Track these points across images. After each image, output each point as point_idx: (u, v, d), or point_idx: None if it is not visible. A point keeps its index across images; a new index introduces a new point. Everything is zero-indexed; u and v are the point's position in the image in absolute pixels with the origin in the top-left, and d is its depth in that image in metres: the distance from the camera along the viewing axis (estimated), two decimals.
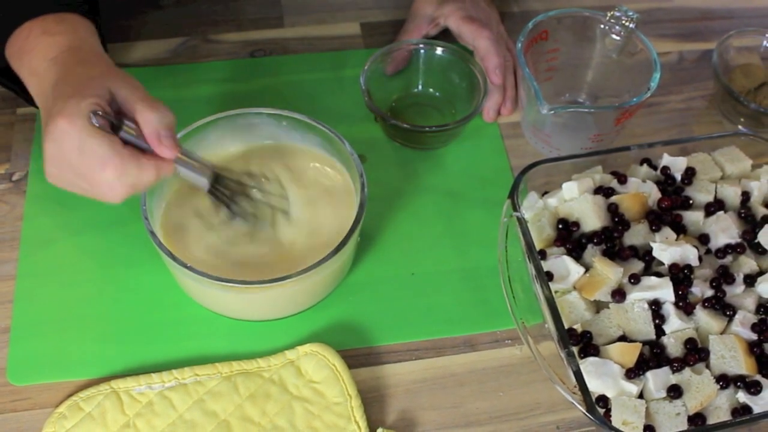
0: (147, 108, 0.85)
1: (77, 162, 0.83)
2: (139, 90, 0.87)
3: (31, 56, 0.91)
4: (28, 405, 0.94)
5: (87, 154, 0.82)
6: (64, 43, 0.91)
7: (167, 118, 0.86)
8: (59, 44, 0.91)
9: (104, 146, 0.82)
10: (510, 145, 1.19)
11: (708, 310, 0.93)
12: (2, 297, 1.01)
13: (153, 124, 0.85)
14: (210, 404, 0.93)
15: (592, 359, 0.89)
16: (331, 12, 1.33)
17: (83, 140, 0.82)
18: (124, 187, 0.85)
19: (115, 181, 0.84)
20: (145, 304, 1.01)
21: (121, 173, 0.83)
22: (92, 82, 0.86)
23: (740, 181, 1.04)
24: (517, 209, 0.97)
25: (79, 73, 0.88)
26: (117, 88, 0.86)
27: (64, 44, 0.91)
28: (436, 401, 0.97)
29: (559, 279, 0.95)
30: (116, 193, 0.85)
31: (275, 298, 0.96)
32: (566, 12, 1.16)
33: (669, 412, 0.88)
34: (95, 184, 0.85)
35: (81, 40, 0.93)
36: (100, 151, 0.82)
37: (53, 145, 0.84)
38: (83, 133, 0.81)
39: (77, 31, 0.94)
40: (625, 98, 1.15)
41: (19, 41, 0.93)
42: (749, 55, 1.27)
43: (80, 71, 0.88)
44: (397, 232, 1.09)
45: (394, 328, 1.02)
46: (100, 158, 0.82)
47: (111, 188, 0.84)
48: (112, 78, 0.87)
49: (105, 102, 0.84)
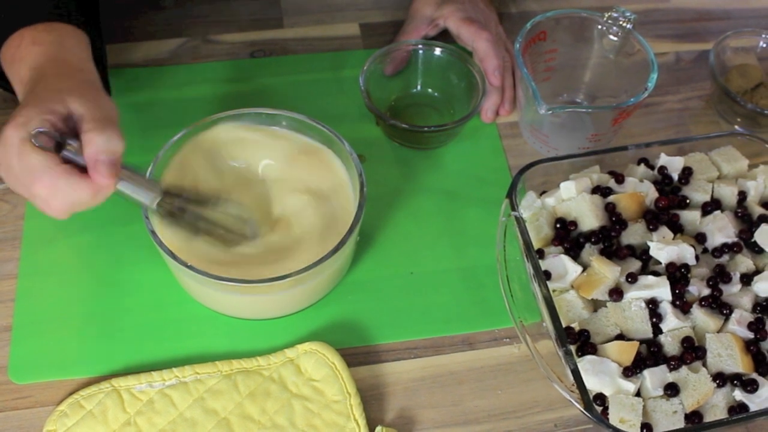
0: (95, 130, 0.83)
1: (17, 171, 0.83)
2: (101, 111, 0.86)
3: (20, 65, 0.91)
4: (29, 403, 0.94)
5: (23, 166, 0.82)
6: (49, 53, 0.91)
7: (113, 145, 0.84)
8: (44, 54, 0.91)
9: (37, 161, 0.81)
10: (508, 145, 1.19)
11: (705, 309, 0.93)
12: (4, 295, 1.01)
13: (95, 147, 0.83)
14: (210, 402, 0.93)
15: (590, 357, 0.89)
16: (331, 13, 1.33)
17: (22, 152, 0.81)
18: (61, 203, 0.83)
19: (49, 198, 0.83)
20: (145, 303, 1.01)
21: (52, 190, 0.82)
22: (55, 96, 0.85)
23: (737, 180, 1.04)
24: (515, 209, 0.97)
25: (48, 85, 0.87)
26: (77, 106, 0.85)
27: (48, 54, 0.91)
28: (434, 399, 0.97)
29: (557, 278, 0.95)
30: (53, 208, 0.84)
31: (275, 296, 0.96)
32: (564, 13, 1.16)
33: (666, 410, 0.88)
34: (33, 195, 0.84)
35: (66, 51, 0.93)
36: (32, 166, 0.81)
37: (2, 150, 0.83)
38: (22, 146, 0.81)
39: (64, 42, 0.93)
40: (622, 98, 1.15)
41: (11, 49, 0.93)
42: (746, 56, 1.27)
43: (51, 83, 0.88)
44: (396, 232, 1.09)
45: (393, 327, 1.02)
46: (31, 173, 0.82)
47: (47, 203, 0.84)
48: (77, 94, 0.86)
49: (59, 118, 0.83)
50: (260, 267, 0.95)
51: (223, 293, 0.95)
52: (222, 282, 0.90)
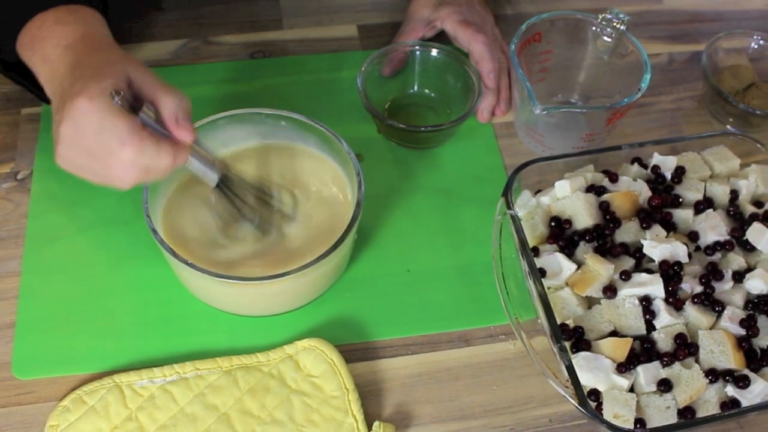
0: (165, 92, 0.85)
1: (94, 142, 0.82)
2: (155, 76, 0.87)
3: (44, 44, 0.90)
4: (32, 398, 0.94)
5: (106, 133, 0.81)
6: (78, 31, 0.90)
7: (184, 103, 0.86)
8: (73, 33, 0.90)
9: (125, 125, 0.80)
10: (504, 145, 1.19)
11: (697, 306, 0.93)
12: (7, 293, 1.01)
13: (171, 107, 0.84)
14: (210, 398, 0.93)
15: (584, 354, 0.89)
16: (329, 14, 1.33)
17: (104, 119, 0.80)
18: (138, 170, 0.83)
19: (132, 162, 0.82)
20: (147, 300, 1.01)
21: (139, 153, 0.81)
22: (110, 66, 0.85)
23: (729, 179, 1.05)
24: (511, 207, 0.97)
25: (96, 58, 0.87)
26: (135, 73, 0.85)
27: (77, 32, 0.90)
28: (431, 395, 0.97)
29: (552, 275, 0.95)
30: (129, 175, 0.83)
31: (274, 294, 0.96)
32: (559, 14, 1.16)
33: (659, 406, 0.88)
34: (110, 165, 0.83)
35: (92, 29, 0.92)
36: (121, 130, 0.80)
37: (71, 125, 0.82)
38: (104, 113, 0.80)
39: (89, 21, 0.93)
40: (616, 99, 1.15)
41: (31, 31, 0.92)
42: (738, 57, 1.27)
43: (96, 57, 0.87)
44: (393, 230, 1.09)
45: (390, 324, 1.02)
46: (119, 137, 0.81)
47: (125, 170, 0.83)
48: (128, 63, 0.86)
49: (124, 85, 0.83)
50: (259, 265, 0.95)
51: (223, 290, 0.95)
52: (222, 279, 0.90)
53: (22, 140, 1.13)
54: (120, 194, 1.06)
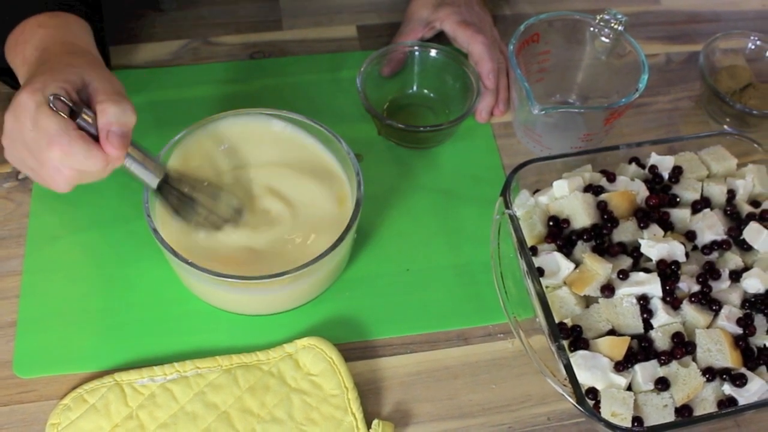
0: (109, 101, 0.84)
1: (29, 137, 0.82)
2: (113, 86, 0.86)
3: (25, 47, 0.92)
4: (33, 397, 0.94)
5: (38, 129, 0.81)
6: (56, 35, 0.92)
7: (126, 117, 0.85)
8: (50, 36, 0.92)
9: (55, 125, 0.81)
10: (502, 145, 1.19)
11: (695, 305, 0.93)
12: (9, 292, 1.01)
13: (108, 117, 0.83)
14: (211, 396, 0.93)
15: (582, 352, 0.89)
16: (329, 15, 1.33)
17: (38, 115, 0.81)
18: (70, 171, 0.83)
19: (61, 162, 0.83)
20: (147, 300, 1.01)
21: (67, 154, 0.82)
22: (68, 68, 0.86)
23: (726, 179, 1.04)
24: (509, 207, 0.97)
25: (59, 61, 0.88)
26: (91, 80, 0.86)
27: (54, 36, 0.92)
28: (430, 393, 0.97)
29: (550, 275, 0.95)
30: (61, 176, 0.84)
31: (274, 293, 0.96)
32: (557, 15, 1.16)
33: (657, 404, 0.88)
34: (42, 162, 0.83)
35: (72, 35, 0.94)
36: (51, 129, 0.81)
37: (11, 116, 0.83)
38: (39, 109, 0.81)
39: (70, 27, 0.94)
40: (614, 99, 1.15)
41: (16, 35, 0.94)
42: (735, 57, 1.27)
43: (62, 59, 0.88)
44: (392, 229, 1.09)
45: (389, 323, 1.02)
46: (49, 135, 0.81)
47: (56, 170, 0.83)
48: (90, 70, 0.87)
49: (73, 89, 0.84)
50: (259, 264, 0.95)
51: (224, 290, 0.95)
52: (222, 279, 0.90)
53: None
54: (120, 194, 1.07)
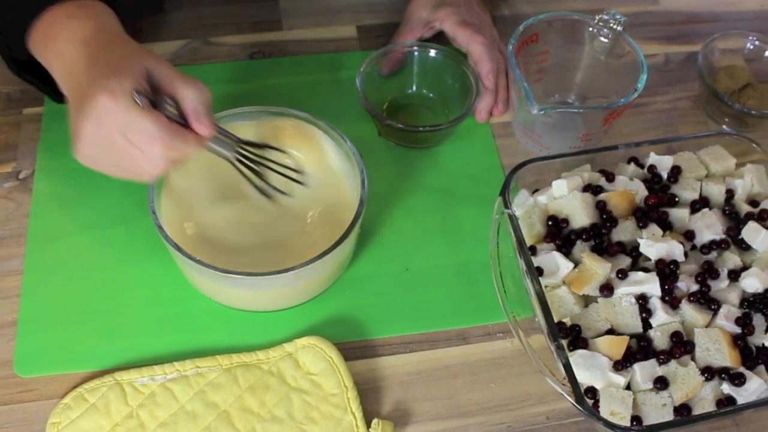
0: (186, 85, 0.85)
1: (120, 139, 0.82)
2: (173, 68, 0.87)
3: (57, 40, 0.89)
4: (34, 396, 0.94)
5: (134, 132, 0.81)
6: (91, 26, 0.89)
7: (205, 95, 0.86)
8: (85, 27, 0.89)
9: (152, 124, 0.81)
10: (501, 145, 1.19)
11: (693, 304, 0.93)
12: (9, 291, 1.01)
13: (192, 101, 0.85)
14: (211, 395, 0.93)
15: (581, 352, 0.89)
16: (328, 15, 1.33)
17: (130, 118, 0.80)
18: (167, 162, 0.84)
19: (161, 157, 0.83)
20: (147, 299, 1.01)
21: (169, 148, 0.82)
22: (128, 60, 0.85)
23: (724, 179, 1.04)
24: (509, 206, 0.97)
25: (112, 53, 0.87)
26: (153, 66, 0.85)
27: (90, 27, 0.89)
28: (429, 392, 0.97)
29: (549, 274, 0.95)
30: (158, 167, 0.84)
31: (278, 289, 0.96)
32: (556, 15, 1.16)
33: (656, 403, 0.88)
34: (138, 162, 0.83)
35: (105, 23, 0.92)
36: (148, 129, 0.81)
37: (94, 123, 0.82)
38: (129, 112, 0.80)
39: (100, 16, 0.92)
40: (612, 99, 1.15)
41: (43, 28, 0.91)
42: (733, 57, 1.27)
43: (112, 51, 0.87)
44: (392, 229, 1.09)
45: (389, 322, 1.02)
46: (148, 135, 0.81)
47: (154, 164, 0.84)
48: (145, 57, 0.86)
49: (144, 81, 0.84)
50: (263, 260, 0.95)
51: (230, 286, 0.95)
52: (228, 275, 0.90)
53: (23, 140, 1.13)
54: (121, 194, 1.07)
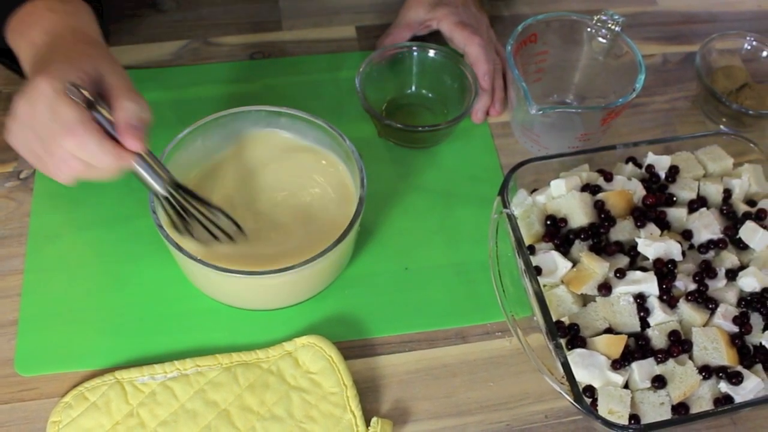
0: (127, 97, 0.84)
1: (43, 124, 0.81)
2: (127, 81, 0.86)
3: (32, 29, 0.90)
4: (35, 395, 0.94)
5: (55, 117, 0.80)
6: (67, 21, 0.90)
7: (143, 113, 0.85)
8: (61, 22, 0.90)
9: (73, 115, 0.80)
10: (500, 144, 1.19)
11: (691, 304, 0.93)
12: (10, 290, 1.01)
13: (127, 112, 0.83)
14: (211, 394, 0.93)
15: (579, 351, 0.89)
16: (328, 16, 1.33)
17: (56, 103, 0.80)
18: (78, 164, 0.83)
19: (72, 153, 0.82)
20: (147, 298, 1.01)
21: (81, 145, 0.81)
22: (85, 58, 0.85)
23: (722, 178, 1.04)
24: (507, 206, 0.97)
25: (75, 48, 0.87)
26: (107, 73, 0.85)
27: (66, 22, 0.90)
28: (428, 391, 0.97)
29: (548, 273, 0.95)
30: (68, 167, 0.83)
31: (278, 287, 0.96)
32: (554, 16, 1.16)
33: (653, 402, 0.88)
34: (52, 151, 0.82)
35: (83, 22, 0.92)
36: (68, 117, 0.80)
37: (26, 102, 0.82)
38: (58, 97, 0.80)
39: (79, 14, 0.93)
40: (611, 99, 1.15)
41: (22, 16, 0.92)
42: (731, 58, 1.27)
43: (77, 47, 0.87)
44: (391, 228, 1.09)
45: (388, 321, 1.01)
46: (65, 124, 0.80)
47: (64, 161, 0.82)
48: (105, 62, 0.86)
49: (90, 80, 0.83)
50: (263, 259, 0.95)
51: (228, 284, 0.95)
52: (229, 274, 0.90)
53: None
54: (121, 193, 1.07)
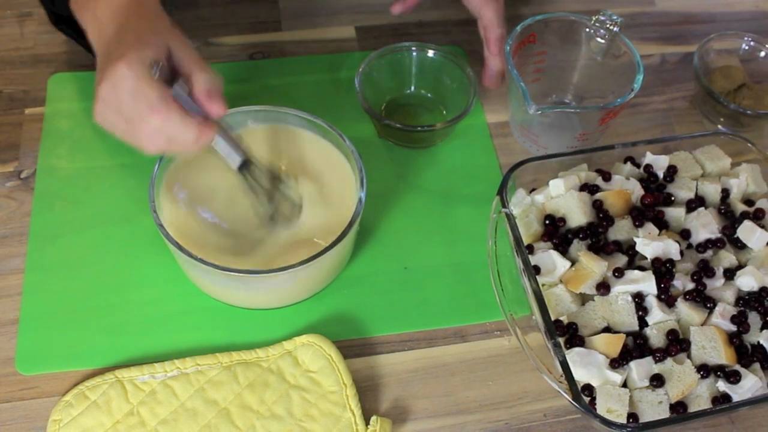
0: (200, 68, 0.86)
1: (127, 105, 0.83)
2: (195, 52, 0.88)
3: (96, 4, 0.91)
4: (35, 393, 0.94)
5: (139, 98, 0.82)
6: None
7: (217, 81, 0.87)
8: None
9: (156, 93, 0.82)
10: (499, 144, 1.19)
11: (689, 303, 0.93)
12: (11, 290, 1.01)
13: (204, 83, 0.86)
14: (210, 393, 0.93)
15: (578, 350, 0.89)
16: (327, 16, 1.33)
17: (138, 85, 0.82)
18: (163, 139, 0.84)
19: (157, 129, 0.83)
20: (148, 297, 1.01)
21: (166, 121, 0.83)
22: (154, 35, 0.86)
23: (720, 178, 1.04)
24: (506, 206, 0.97)
25: (142, 26, 0.88)
26: (175, 47, 0.87)
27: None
28: (427, 390, 0.97)
29: (546, 273, 0.95)
30: (154, 142, 0.85)
31: (278, 287, 0.96)
32: (553, 16, 1.16)
33: (652, 401, 0.87)
34: (139, 129, 0.84)
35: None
36: (151, 98, 0.82)
37: (109, 86, 0.83)
38: (140, 79, 0.82)
39: None
40: (609, 99, 1.15)
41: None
42: (729, 58, 1.27)
43: (142, 24, 0.89)
44: (390, 228, 1.09)
45: (387, 320, 1.01)
46: (149, 103, 0.82)
47: (151, 136, 0.84)
48: (172, 36, 0.88)
49: (164, 56, 0.85)
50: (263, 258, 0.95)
51: (230, 284, 0.95)
52: (229, 273, 0.90)
53: (25, 139, 1.13)
54: (121, 193, 1.07)
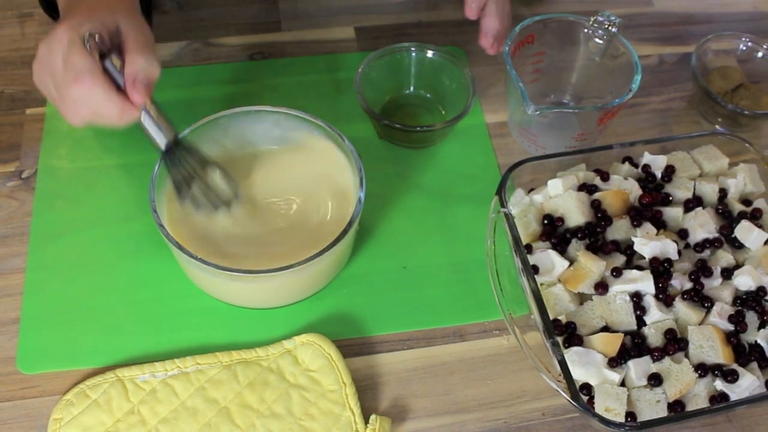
0: (138, 51, 0.85)
1: (58, 70, 0.83)
2: (144, 37, 0.87)
3: None
4: (36, 392, 0.94)
5: (68, 64, 0.82)
6: None
7: (153, 69, 0.86)
8: None
9: (84, 64, 0.82)
10: (497, 144, 1.19)
11: (687, 302, 0.93)
12: (12, 289, 1.00)
13: (137, 65, 0.84)
14: (211, 392, 0.92)
15: (576, 349, 0.89)
16: (327, 17, 1.33)
17: (70, 50, 0.82)
18: (87, 110, 0.84)
19: (81, 99, 0.83)
20: (148, 296, 1.01)
21: (88, 93, 0.83)
22: (105, 11, 0.86)
23: (717, 178, 1.04)
24: (505, 205, 0.97)
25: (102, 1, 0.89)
26: (125, 27, 0.86)
27: None
28: (427, 389, 0.97)
29: (545, 272, 0.95)
30: (77, 114, 0.85)
31: (278, 287, 0.96)
32: (552, 17, 1.16)
33: (650, 400, 0.87)
34: (63, 96, 0.84)
35: None
36: (79, 66, 0.82)
37: (45, 46, 0.85)
38: (72, 46, 0.82)
39: None
40: (607, 99, 1.15)
41: None
42: (726, 58, 1.27)
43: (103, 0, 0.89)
44: (389, 227, 1.09)
45: (387, 319, 1.01)
46: (75, 72, 0.82)
47: (74, 107, 0.84)
48: (126, 16, 0.88)
49: (107, 33, 0.85)
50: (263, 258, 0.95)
51: (230, 283, 0.95)
52: (229, 272, 0.90)
53: (26, 140, 1.13)
54: (122, 192, 1.07)
